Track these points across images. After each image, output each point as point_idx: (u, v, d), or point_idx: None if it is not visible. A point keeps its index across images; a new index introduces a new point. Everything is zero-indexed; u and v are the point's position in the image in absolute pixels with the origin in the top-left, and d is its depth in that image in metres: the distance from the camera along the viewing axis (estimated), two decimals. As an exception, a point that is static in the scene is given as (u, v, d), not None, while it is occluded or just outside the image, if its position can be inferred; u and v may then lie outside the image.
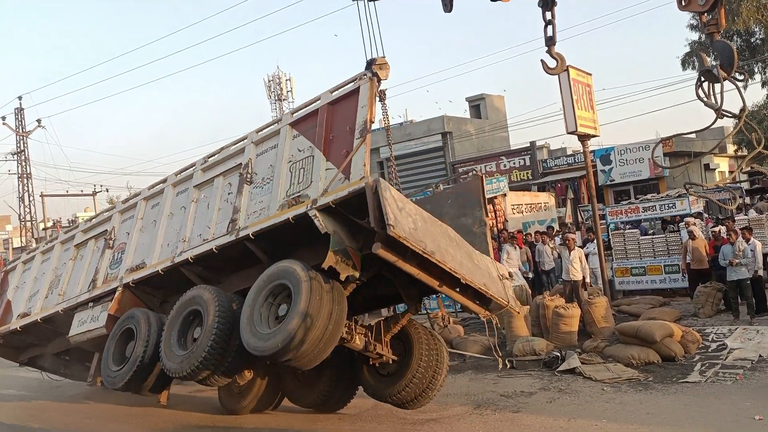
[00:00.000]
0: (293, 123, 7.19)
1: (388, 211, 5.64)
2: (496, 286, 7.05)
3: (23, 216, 36.86)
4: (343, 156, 6.26)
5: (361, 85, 6.41)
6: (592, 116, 12.50)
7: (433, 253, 5.96)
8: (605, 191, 24.19)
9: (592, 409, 7.34)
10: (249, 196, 7.27)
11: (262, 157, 7.43)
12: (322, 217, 6.13)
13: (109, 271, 8.91)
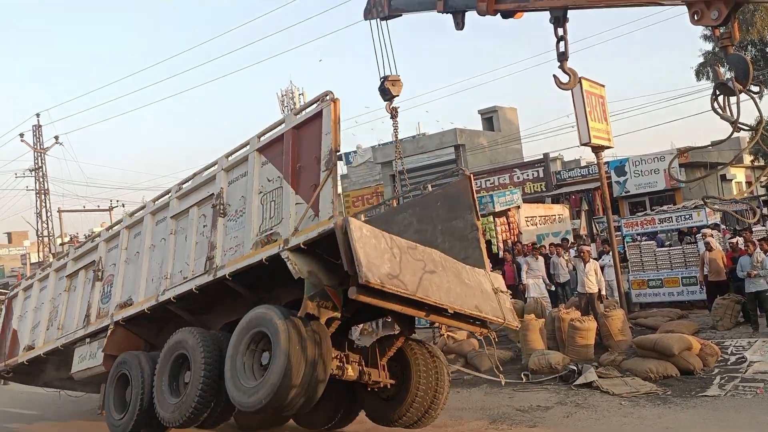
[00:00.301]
0: (261, 149, 6.85)
1: (360, 256, 5.33)
2: (490, 303, 6.73)
3: (41, 231, 37.25)
4: (311, 189, 5.97)
5: (323, 108, 6.05)
6: (606, 127, 12.45)
7: (415, 291, 5.69)
8: (620, 203, 24.00)
9: (610, 424, 7.24)
10: (224, 230, 7.04)
11: (233, 186, 7.15)
12: (295, 259, 5.86)
13: (101, 306, 8.80)
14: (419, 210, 7.92)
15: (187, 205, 7.72)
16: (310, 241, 5.79)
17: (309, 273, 5.85)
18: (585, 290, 11.59)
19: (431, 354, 7.31)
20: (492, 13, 5.66)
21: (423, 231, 7.74)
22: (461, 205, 7.50)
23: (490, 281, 6.94)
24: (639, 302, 13.72)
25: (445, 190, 7.89)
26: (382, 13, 6.74)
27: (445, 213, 7.69)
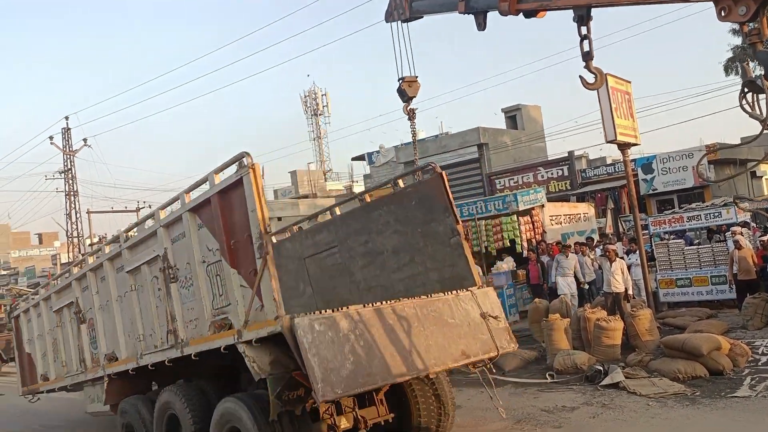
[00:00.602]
0: (193, 209, 6.23)
1: (314, 368, 4.85)
2: (480, 336, 6.18)
3: (70, 232, 38.04)
4: (251, 275, 5.43)
5: (243, 176, 5.41)
6: (632, 124, 12.30)
7: (386, 377, 5.31)
8: (647, 201, 23.66)
9: (637, 425, 7.14)
10: (179, 299, 6.58)
11: (177, 247, 6.55)
12: (252, 354, 5.37)
13: (92, 351, 8.60)
14: (395, 208, 7.42)
15: (139, 262, 7.22)
16: (262, 338, 5.33)
17: (271, 364, 5.38)
18: (611, 290, 11.44)
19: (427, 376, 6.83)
20: (514, 13, 5.58)
21: (403, 233, 7.33)
22: (437, 206, 6.92)
23: (477, 305, 6.35)
24: (667, 302, 13.53)
25: (418, 188, 7.29)
26: (404, 15, 6.68)
27: (421, 213, 7.12)
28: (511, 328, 6.86)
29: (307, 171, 49.86)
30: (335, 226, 8.36)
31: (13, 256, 75.72)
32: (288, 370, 5.29)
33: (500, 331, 6.37)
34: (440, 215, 6.89)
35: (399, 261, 7.40)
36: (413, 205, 7.21)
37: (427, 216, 7.05)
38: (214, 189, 5.88)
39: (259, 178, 5.35)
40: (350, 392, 5.06)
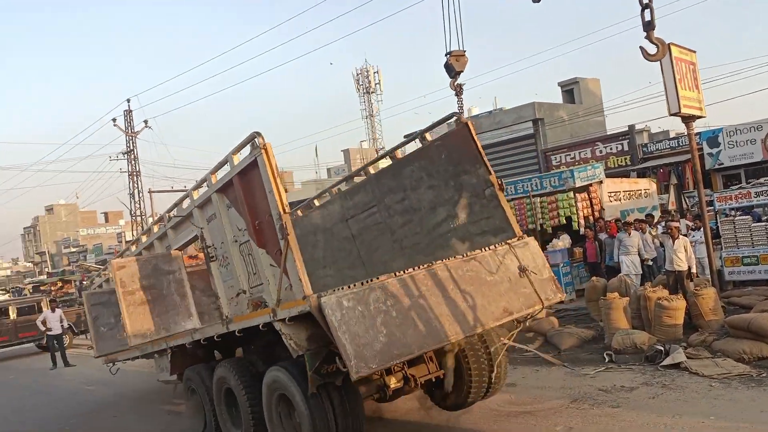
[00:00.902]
0: (220, 190, 6.28)
1: (346, 346, 4.83)
2: (522, 290, 5.97)
3: (133, 211, 39.42)
4: (277, 254, 5.43)
5: (257, 156, 5.42)
6: (698, 96, 11.76)
7: (422, 345, 5.21)
8: (713, 176, 22.74)
9: (699, 406, 6.94)
10: (220, 277, 6.67)
11: (212, 227, 6.62)
12: (289, 331, 5.37)
13: (159, 322, 8.68)
14: (425, 163, 7.20)
15: (182, 242, 7.37)
16: (294, 316, 5.33)
17: (308, 339, 5.39)
18: (674, 268, 11.10)
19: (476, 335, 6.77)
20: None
21: (436, 187, 7.13)
22: (466, 157, 6.64)
23: (516, 258, 6.06)
24: (732, 280, 13.01)
25: (445, 140, 7.03)
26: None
27: (452, 167, 6.86)
28: (566, 306, 6.68)
29: (359, 149, 50.08)
30: (371, 185, 8.27)
31: (81, 234, 79.39)
32: (325, 344, 5.30)
33: (544, 282, 6.10)
34: (471, 167, 6.66)
35: (437, 216, 7.25)
36: (443, 158, 7.00)
37: (457, 168, 6.85)
38: (234, 170, 5.90)
39: (272, 157, 5.30)
40: (385, 365, 5.00)
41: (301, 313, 5.18)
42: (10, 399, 13.39)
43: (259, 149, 5.32)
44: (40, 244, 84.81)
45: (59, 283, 39.41)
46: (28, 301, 22.66)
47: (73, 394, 12.83)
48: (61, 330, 17.53)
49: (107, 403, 11.37)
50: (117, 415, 10.22)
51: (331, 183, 37.59)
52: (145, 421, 9.34)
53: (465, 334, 5.52)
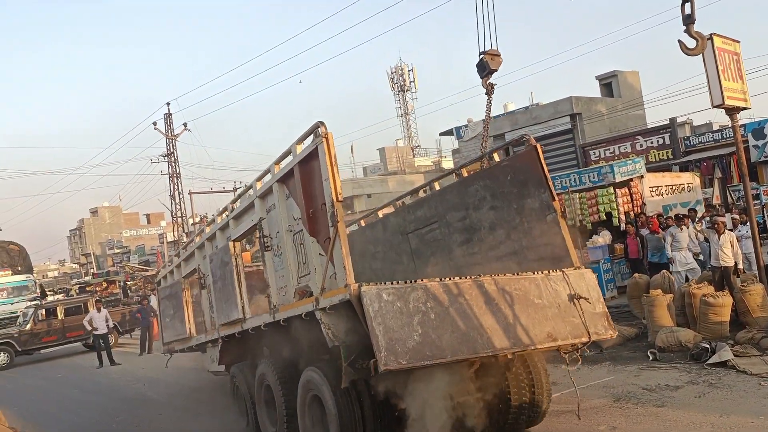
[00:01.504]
0: (281, 179, 6.46)
1: (379, 336, 4.84)
2: (570, 319, 5.80)
3: (174, 212, 40.22)
4: (326, 243, 5.52)
5: (318, 145, 5.51)
6: (742, 87, 11.42)
7: (456, 353, 5.10)
8: (759, 168, 22.02)
9: (747, 405, 6.75)
10: (272, 266, 6.87)
11: (270, 217, 6.84)
12: (328, 321, 5.45)
13: (211, 315, 9.06)
14: (490, 183, 7.27)
15: (241, 232, 7.64)
16: (335, 305, 5.38)
17: (346, 332, 5.42)
18: (719, 264, 10.84)
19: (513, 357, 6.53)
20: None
21: (499, 208, 7.17)
22: (531, 180, 6.65)
23: (569, 286, 5.94)
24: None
25: (512, 162, 7.10)
26: None
27: (516, 189, 6.88)
28: (608, 303, 6.49)
29: (395, 147, 50.12)
30: (434, 201, 8.42)
31: (125, 235, 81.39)
32: (362, 338, 5.28)
33: (596, 315, 5.96)
34: (535, 190, 6.64)
35: (495, 238, 7.29)
36: (508, 180, 7.01)
37: (522, 191, 6.83)
38: (295, 159, 6.05)
39: (332, 146, 5.41)
40: (415, 364, 4.95)
41: (341, 302, 5.22)
42: (59, 396, 13.83)
43: (321, 138, 5.44)
44: (85, 246, 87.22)
45: (104, 284, 40.43)
46: (75, 302, 23.35)
47: (119, 391, 13.18)
48: (106, 329, 18.00)
49: (153, 400, 11.66)
50: (162, 412, 10.46)
51: (366, 181, 37.49)
52: (189, 418, 9.54)
53: (503, 350, 5.40)
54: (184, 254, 10.64)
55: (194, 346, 10.40)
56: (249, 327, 7.44)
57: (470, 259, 7.66)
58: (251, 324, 7.39)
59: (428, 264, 8.38)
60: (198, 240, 9.75)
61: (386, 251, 9.62)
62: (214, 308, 8.82)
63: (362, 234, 10.19)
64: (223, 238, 8.29)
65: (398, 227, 9.28)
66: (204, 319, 9.61)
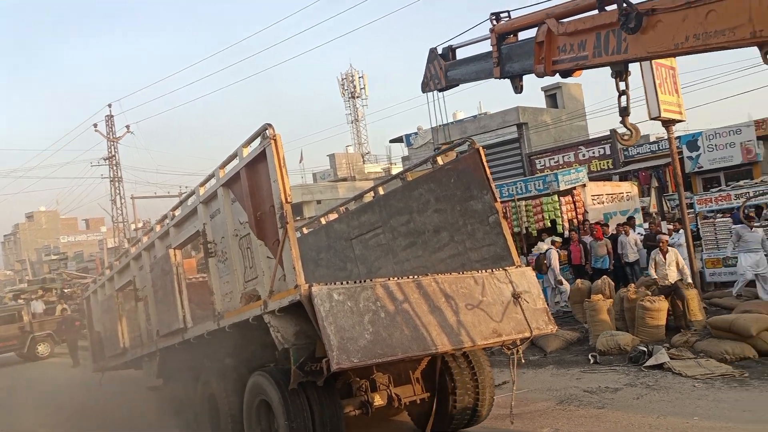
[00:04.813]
0: (226, 184, 6.37)
1: (330, 336, 4.85)
2: (514, 316, 5.96)
3: (115, 218, 39.03)
4: (275, 246, 5.49)
5: (265, 147, 5.47)
6: (677, 100, 11.94)
7: (407, 350, 5.16)
8: (693, 179, 23.05)
9: (683, 406, 7.03)
10: (217, 273, 6.76)
11: (215, 223, 6.74)
12: (277, 324, 5.40)
13: (148, 328, 8.89)
14: (434, 186, 7.37)
15: (183, 239, 7.52)
16: (283, 308, 5.33)
17: (295, 334, 5.40)
18: (666, 282, 10.55)
19: (463, 355, 6.71)
20: (550, 74, 5.53)
21: (443, 211, 7.30)
22: (474, 182, 6.80)
23: (512, 284, 6.13)
24: (713, 281, 13.21)
25: (456, 165, 7.16)
26: (440, 85, 6.65)
27: (460, 191, 7.01)
28: (551, 309, 6.68)
29: (345, 154, 50.03)
30: (379, 206, 8.43)
31: (62, 241, 78.37)
32: (313, 341, 5.33)
33: (537, 312, 6.16)
34: (478, 192, 6.78)
35: (439, 240, 7.39)
36: (452, 182, 7.15)
37: (465, 194, 6.97)
38: (242, 162, 5.98)
39: (281, 148, 5.39)
40: (367, 362, 4.99)
41: (291, 303, 5.18)
42: None
43: (269, 140, 5.41)
44: (20, 252, 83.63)
45: (40, 291, 38.84)
46: (9, 310, 22.34)
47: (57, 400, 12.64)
48: None
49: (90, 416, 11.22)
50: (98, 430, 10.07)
51: (316, 187, 37.19)
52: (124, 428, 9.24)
53: (452, 347, 5.49)
54: (117, 266, 10.29)
55: (129, 362, 10.10)
56: (191, 336, 7.27)
57: (415, 263, 7.73)
58: (193, 333, 7.23)
59: (373, 269, 8.41)
60: (134, 251, 9.44)
61: (330, 258, 9.59)
62: (151, 320, 8.59)
63: (305, 241, 10.13)
64: (163, 247, 8.06)
65: (342, 233, 9.25)
66: (140, 333, 9.29)
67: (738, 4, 4.14)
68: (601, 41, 5.00)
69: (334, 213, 9.95)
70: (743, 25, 4.13)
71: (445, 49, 6.56)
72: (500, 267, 6.36)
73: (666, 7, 4.53)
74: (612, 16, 4.85)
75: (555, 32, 5.32)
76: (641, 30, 4.64)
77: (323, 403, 5.70)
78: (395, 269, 7.97)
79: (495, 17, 5.91)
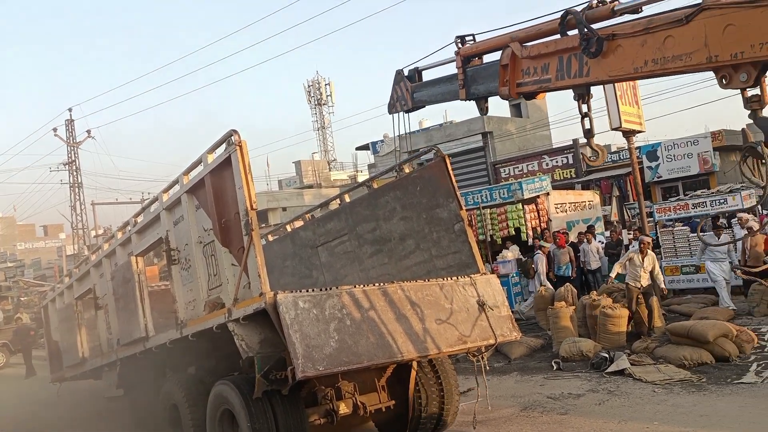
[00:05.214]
0: (190, 190, 6.31)
1: (296, 344, 4.82)
2: (479, 323, 5.99)
3: (75, 224, 38.11)
4: (240, 253, 5.46)
5: (231, 153, 5.45)
6: (637, 111, 12.26)
7: (372, 357, 5.16)
8: (652, 188, 23.63)
9: (643, 411, 7.16)
10: (180, 281, 6.70)
11: (177, 230, 6.69)
12: (242, 332, 5.37)
13: (108, 337, 8.73)
14: (400, 194, 7.41)
15: (145, 246, 7.44)
16: (248, 315, 5.31)
17: (260, 343, 5.38)
18: (638, 284, 10.46)
19: (429, 362, 6.73)
20: (515, 96, 5.66)
21: (408, 219, 7.34)
22: (440, 191, 6.85)
23: (476, 291, 6.17)
24: (672, 289, 13.53)
25: (422, 173, 7.23)
26: (406, 106, 6.76)
27: (426, 199, 7.06)
28: (516, 316, 6.77)
29: (311, 161, 49.84)
30: (345, 214, 8.42)
31: (19, 248, 76.06)
32: (277, 350, 5.28)
33: (502, 319, 6.21)
34: (444, 200, 6.83)
35: (405, 248, 7.42)
36: (418, 190, 7.19)
37: (431, 202, 7.02)
38: (206, 169, 5.91)
39: (246, 155, 5.35)
40: (332, 370, 4.98)
41: (256, 311, 5.13)
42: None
43: (234, 146, 5.36)
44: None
45: (-5, 300, 37.63)
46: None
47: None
48: None
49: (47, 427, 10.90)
50: None
51: (282, 194, 36.86)
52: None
53: (418, 354, 5.49)
54: (76, 274, 10.08)
55: (88, 372, 9.87)
56: (153, 345, 7.14)
57: (381, 270, 7.74)
58: (155, 342, 7.10)
59: (339, 276, 8.39)
60: (94, 258, 9.26)
61: (296, 265, 9.53)
62: (111, 329, 8.41)
63: (270, 248, 10.06)
64: (125, 254, 7.92)
65: (308, 241, 9.21)
66: (99, 342, 9.09)
67: (694, 30, 4.28)
68: (564, 65, 5.12)
69: (299, 220, 9.91)
70: (699, 51, 4.27)
71: (411, 71, 6.65)
72: (466, 274, 6.39)
73: (626, 32, 4.67)
74: (574, 41, 4.97)
75: (519, 55, 5.43)
76: (602, 54, 4.78)
77: (288, 412, 5.64)
78: (361, 277, 7.95)
79: (460, 40, 6.02)
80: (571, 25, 5.01)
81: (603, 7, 4.84)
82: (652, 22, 4.52)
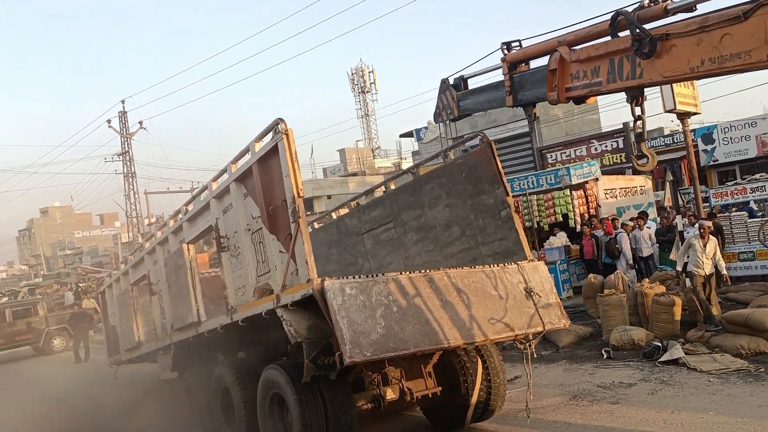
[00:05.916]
0: (239, 179, 6.38)
1: (343, 330, 4.85)
2: (526, 310, 5.93)
3: (129, 213, 39.32)
4: (287, 240, 5.50)
5: (278, 141, 5.47)
6: (692, 92, 11.82)
7: (419, 344, 5.17)
8: (708, 172, 22.82)
9: (697, 402, 6.97)
10: (230, 267, 6.80)
11: (226, 218, 6.77)
12: (290, 318, 5.40)
13: (162, 322, 8.90)
14: (445, 181, 7.37)
15: (196, 234, 7.55)
16: (297, 302, 5.35)
17: (308, 328, 5.41)
18: (701, 272, 10.00)
19: (475, 349, 6.66)
20: (564, 101, 5.50)
21: (454, 206, 7.29)
22: (485, 177, 6.79)
23: (524, 279, 6.09)
24: (729, 276, 13.09)
25: (467, 159, 7.16)
26: (452, 115, 6.64)
27: (471, 186, 7.01)
28: (564, 303, 6.66)
29: (355, 149, 50.06)
30: (390, 201, 8.43)
31: (77, 236, 79.19)
32: (325, 335, 5.33)
33: (550, 306, 6.12)
34: (489, 187, 6.77)
35: (450, 235, 7.38)
36: (463, 177, 7.14)
37: (476, 188, 6.96)
38: (254, 157, 5.98)
39: (293, 143, 5.39)
40: (379, 356, 5.01)
41: (304, 297, 5.18)
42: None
43: (281, 134, 5.41)
44: (35, 247, 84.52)
45: (55, 286, 39.27)
46: (24, 304, 22.58)
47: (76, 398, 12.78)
48: None
49: (104, 409, 11.32)
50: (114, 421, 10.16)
51: (327, 183, 37.23)
52: (145, 426, 9.31)
53: (464, 341, 5.47)
54: (131, 261, 10.36)
55: (143, 355, 10.17)
56: (205, 330, 7.31)
57: (426, 257, 7.72)
58: (207, 327, 7.26)
59: (384, 264, 8.41)
60: (148, 245, 9.51)
61: (341, 253, 9.60)
62: (165, 314, 8.63)
63: (316, 236, 10.17)
64: (176, 242, 8.10)
65: (353, 228, 9.27)
66: (154, 327, 9.37)
67: (752, 27, 4.07)
68: (615, 67, 4.96)
69: (344, 208, 9.96)
70: (759, 48, 4.06)
71: (457, 80, 6.57)
72: (512, 261, 6.32)
73: (679, 31, 4.47)
74: (625, 42, 4.80)
75: (567, 59, 5.28)
76: (656, 55, 4.58)
77: (336, 397, 5.71)
78: (406, 264, 7.96)
79: (506, 46, 5.91)
80: (621, 26, 4.84)
81: (655, 6, 4.65)
82: (708, 20, 4.31)
